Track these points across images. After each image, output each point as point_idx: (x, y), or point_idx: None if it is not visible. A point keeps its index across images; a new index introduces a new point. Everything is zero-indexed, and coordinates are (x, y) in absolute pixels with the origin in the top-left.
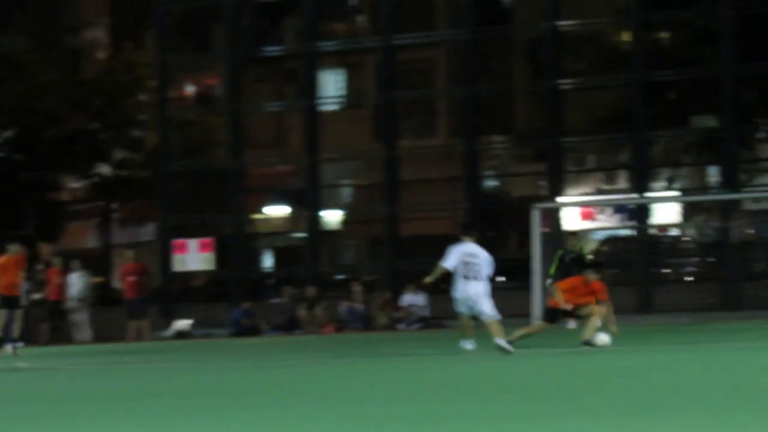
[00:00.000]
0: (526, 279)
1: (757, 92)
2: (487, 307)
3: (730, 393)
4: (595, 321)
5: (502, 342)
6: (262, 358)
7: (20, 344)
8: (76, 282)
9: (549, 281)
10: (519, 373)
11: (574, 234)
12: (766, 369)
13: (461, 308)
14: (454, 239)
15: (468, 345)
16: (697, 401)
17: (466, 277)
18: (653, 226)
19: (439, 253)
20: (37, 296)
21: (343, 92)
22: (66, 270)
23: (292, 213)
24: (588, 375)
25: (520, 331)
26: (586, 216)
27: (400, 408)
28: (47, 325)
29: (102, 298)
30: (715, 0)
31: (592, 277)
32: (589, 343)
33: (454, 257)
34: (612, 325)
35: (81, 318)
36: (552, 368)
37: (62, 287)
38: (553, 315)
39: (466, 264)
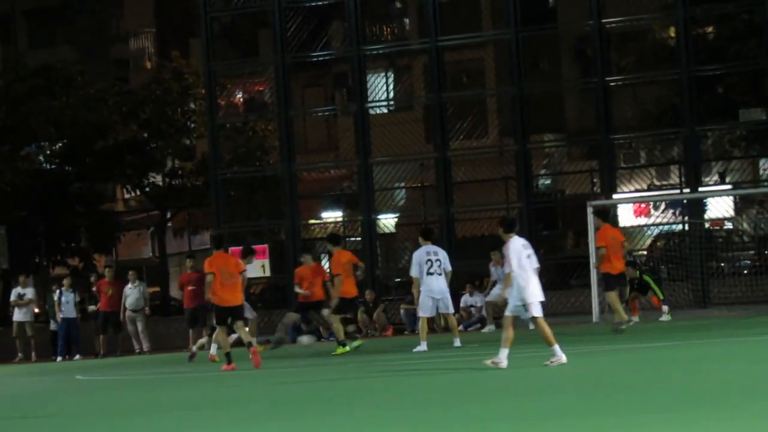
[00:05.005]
0: (584, 277)
1: None
2: None
3: None
4: None
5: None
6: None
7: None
8: (132, 292)
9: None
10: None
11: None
12: None
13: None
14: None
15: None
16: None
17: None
18: (707, 221)
19: None
20: (91, 308)
21: (393, 95)
22: (120, 281)
23: (347, 217)
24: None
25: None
26: (640, 212)
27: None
28: (103, 336)
29: (158, 307)
30: None
31: None
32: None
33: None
34: None
35: (137, 328)
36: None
37: (116, 298)
38: None
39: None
